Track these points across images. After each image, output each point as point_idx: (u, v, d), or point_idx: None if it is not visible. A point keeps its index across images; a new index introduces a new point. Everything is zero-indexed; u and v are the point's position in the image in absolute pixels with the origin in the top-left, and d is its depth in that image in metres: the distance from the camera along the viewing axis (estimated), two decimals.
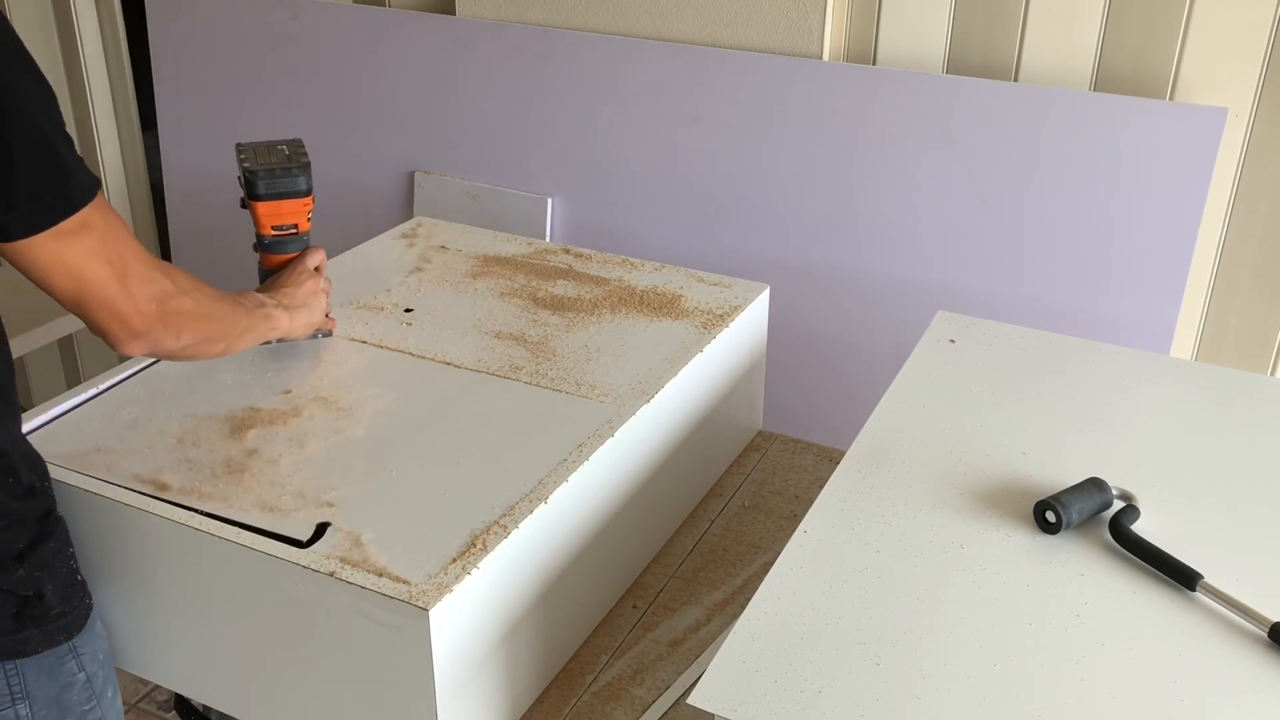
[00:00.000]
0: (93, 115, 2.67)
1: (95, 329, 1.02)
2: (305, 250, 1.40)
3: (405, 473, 1.18)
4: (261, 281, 1.40)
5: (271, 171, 1.32)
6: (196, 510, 1.11)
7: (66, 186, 0.94)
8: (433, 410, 1.29)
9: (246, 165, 1.34)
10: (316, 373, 1.36)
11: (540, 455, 1.19)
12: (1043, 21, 1.89)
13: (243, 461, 1.19)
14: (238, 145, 1.38)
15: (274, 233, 1.36)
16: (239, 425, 1.25)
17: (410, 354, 1.39)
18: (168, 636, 1.17)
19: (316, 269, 1.39)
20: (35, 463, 1.07)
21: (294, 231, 1.37)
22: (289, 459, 1.20)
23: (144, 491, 1.14)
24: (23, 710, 1.03)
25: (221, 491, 1.15)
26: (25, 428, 1.21)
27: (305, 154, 1.36)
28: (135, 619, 1.18)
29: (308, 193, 1.35)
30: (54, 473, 1.14)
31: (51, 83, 0.95)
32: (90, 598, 1.10)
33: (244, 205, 1.37)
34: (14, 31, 0.93)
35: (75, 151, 0.96)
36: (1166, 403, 1.30)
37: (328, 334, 1.42)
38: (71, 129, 2.69)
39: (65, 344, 2.93)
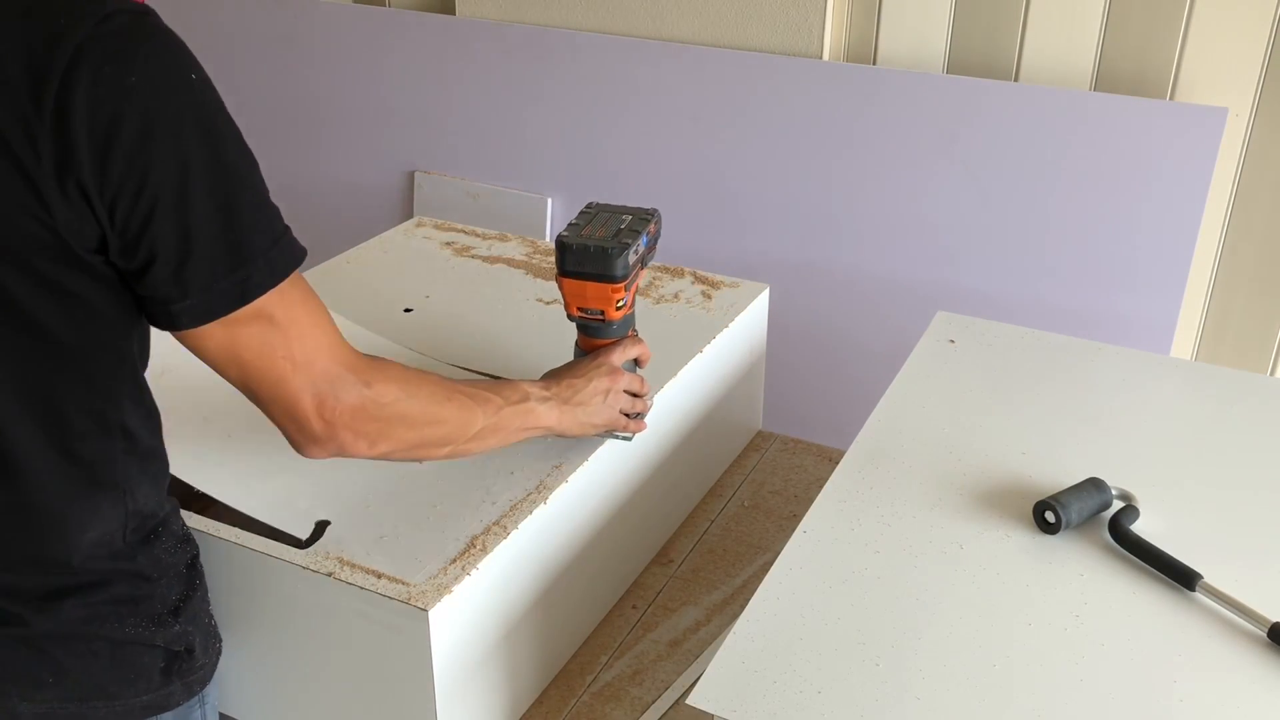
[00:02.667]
0: None
1: (275, 425, 0.93)
2: (619, 341, 1.20)
3: (405, 472, 1.18)
4: (576, 358, 1.23)
5: (585, 248, 1.13)
6: (196, 490, 1.11)
7: (244, 274, 0.84)
8: None
9: (564, 233, 1.16)
10: None
11: (539, 455, 1.19)
12: (1043, 21, 1.89)
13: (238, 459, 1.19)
14: (589, 205, 1.23)
15: (580, 314, 1.17)
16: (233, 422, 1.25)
17: (410, 353, 1.39)
18: None
19: (638, 362, 1.22)
20: (178, 509, 1.01)
21: (600, 318, 1.18)
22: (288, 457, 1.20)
23: None
24: None
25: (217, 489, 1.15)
26: None
27: (642, 233, 1.17)
28: None
29: (621, 279, 1.14)
30: None
31: None
32: (221, 641, 1.05)
33: None
34: (209, 98, 0.84)
35: (270, 229, 0.86)
36: (1166, 403, 1.30)
37: (626, 438, 1.23)
38: None
39: None
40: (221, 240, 0.83)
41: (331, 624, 1.03)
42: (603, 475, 1.22)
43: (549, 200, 2.28)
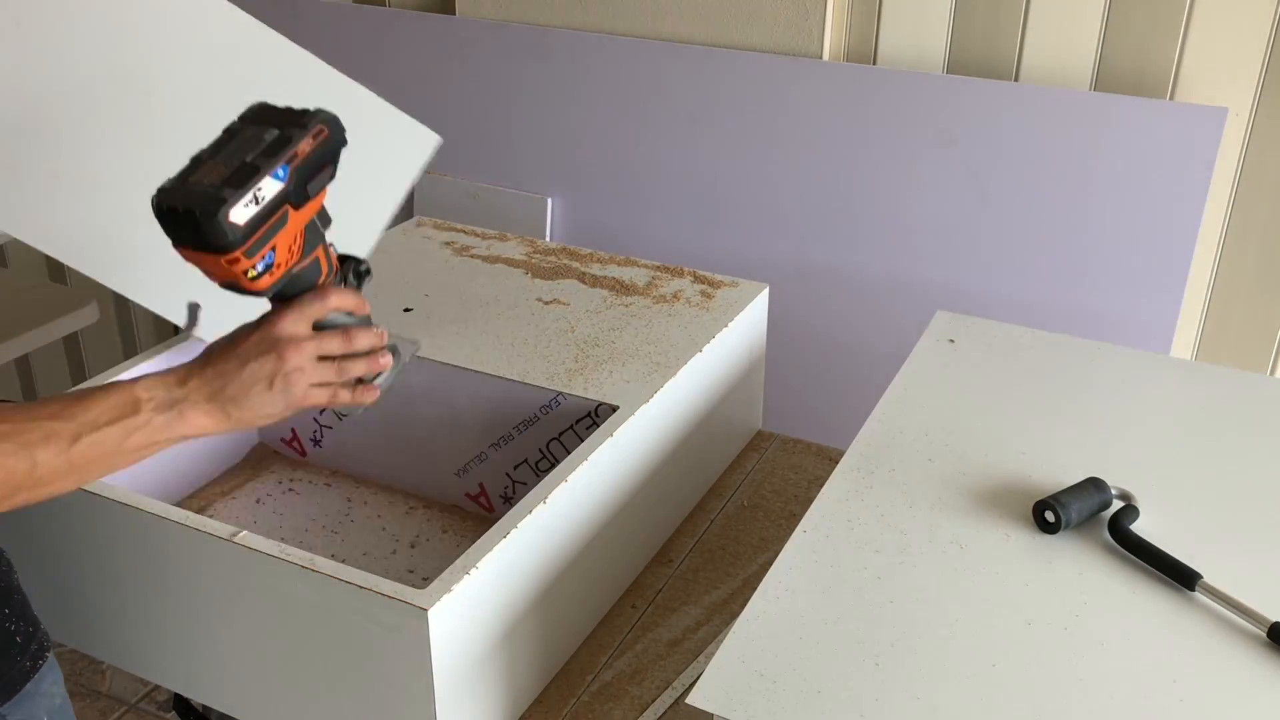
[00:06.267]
0: None
1: None
2: (298, 299, 0.91)
3: None
4: None
5: (174, 210, 0.81)
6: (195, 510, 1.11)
7: None
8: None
9: (166, 182, 0.84)
10: None
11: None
12: (1043, 21, 1.89)
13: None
14: (248, 109, 0.89)
15: (224, 286, 0.88)
16: None
17: None
18: (168, 636, 1.17)
19: (334, 325, 0.93)
20: None
21: (241, 290, 0.87)
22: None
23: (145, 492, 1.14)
24: None
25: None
26: None
27: (275, 162, 0.84)
28: (134, 619, 1.18)
29: (235, 246, 0.82)
30: None
31: None
32: (36, 658, 0.95)
33: None
34: None
35: None
36: (1166, 403, 1.30)
37: (348, 413, 0.98)
38: None
39: (70, 341, 2.93)
40: None
41: (331, 624, 1.03)
42: (603, 475, 1.22)
43: (549, 200, 2.28)
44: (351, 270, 0.95)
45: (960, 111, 1.93)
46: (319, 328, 0.91)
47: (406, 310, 1.50)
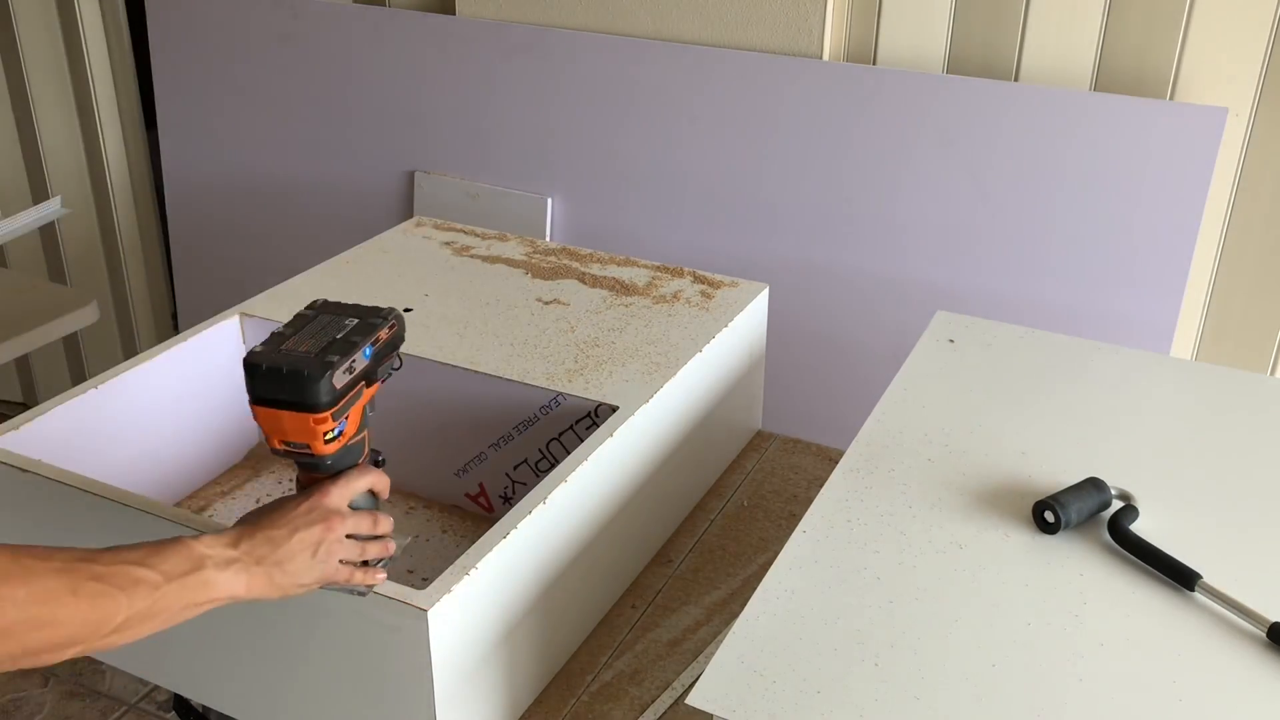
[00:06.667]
0: (97, 113, 2.68)
1: None
2: (343, 474, 0.97)
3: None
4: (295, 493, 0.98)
5: (276, 370, 0.90)
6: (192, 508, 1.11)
7: None
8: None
9: (257, 348, 0.93)
10: None
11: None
12: (1043, 21, 1.89)
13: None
14: (312, 304, 1.00)
15: (284, 447, 0.94)
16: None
17: (408, 353, 1.39)
18: (167, 636, 1.17)
19: (376, 494, 1.00)
20: None
21: (307, 453, 0.94)
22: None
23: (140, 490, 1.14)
24: None
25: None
26: (28, 426, 1.20)
27: (363, 344, 0.95)
28: None
29: (325, 407, 0.91)
30: (55, 471, 1.14)
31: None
32: None
33: None
34: None
35: None
36: (1166, 403, 1.30)
37: (361, 593, 0.99)
38: (76, 128, 2.71)
39: (70, 341, 2.93)
40: None
41: (331, 624, 1.03)
42: (603, 475, 1.22)
43: (549, 200, 2.28)
44: (375, 456, 1.02)
45: (960, 112, 1.93)
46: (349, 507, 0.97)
47: (407, 310, 1.50)
